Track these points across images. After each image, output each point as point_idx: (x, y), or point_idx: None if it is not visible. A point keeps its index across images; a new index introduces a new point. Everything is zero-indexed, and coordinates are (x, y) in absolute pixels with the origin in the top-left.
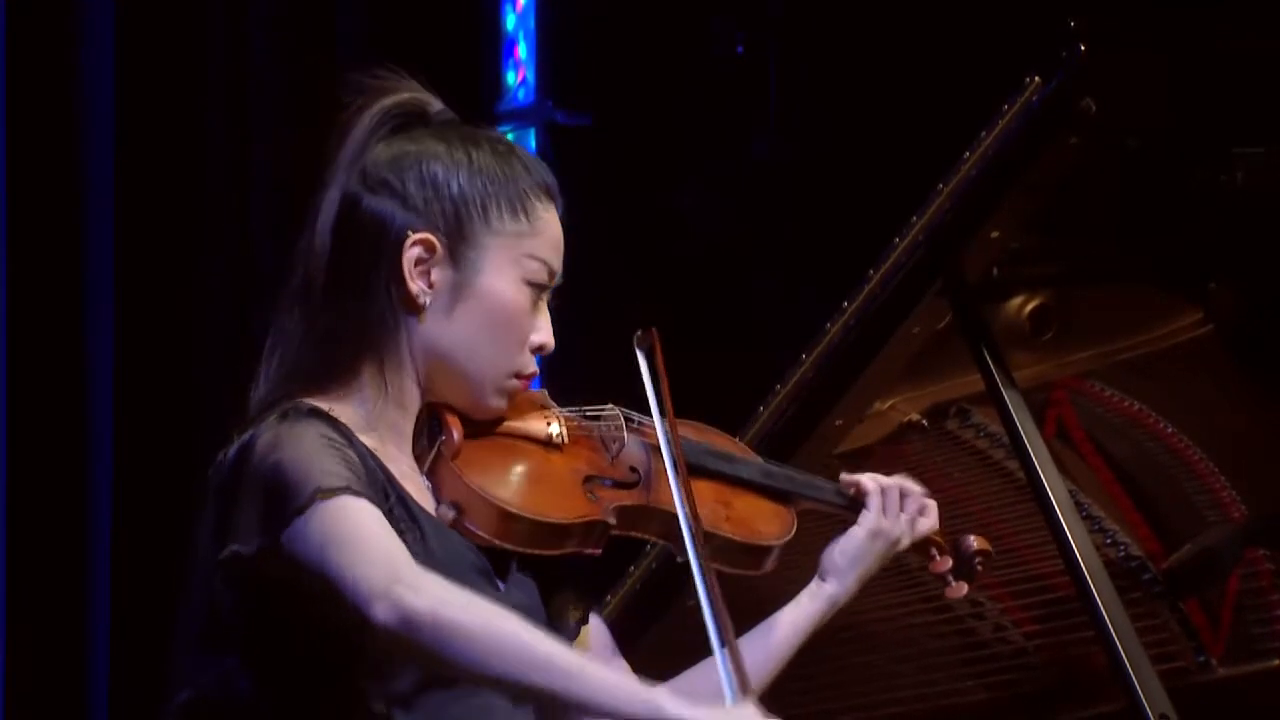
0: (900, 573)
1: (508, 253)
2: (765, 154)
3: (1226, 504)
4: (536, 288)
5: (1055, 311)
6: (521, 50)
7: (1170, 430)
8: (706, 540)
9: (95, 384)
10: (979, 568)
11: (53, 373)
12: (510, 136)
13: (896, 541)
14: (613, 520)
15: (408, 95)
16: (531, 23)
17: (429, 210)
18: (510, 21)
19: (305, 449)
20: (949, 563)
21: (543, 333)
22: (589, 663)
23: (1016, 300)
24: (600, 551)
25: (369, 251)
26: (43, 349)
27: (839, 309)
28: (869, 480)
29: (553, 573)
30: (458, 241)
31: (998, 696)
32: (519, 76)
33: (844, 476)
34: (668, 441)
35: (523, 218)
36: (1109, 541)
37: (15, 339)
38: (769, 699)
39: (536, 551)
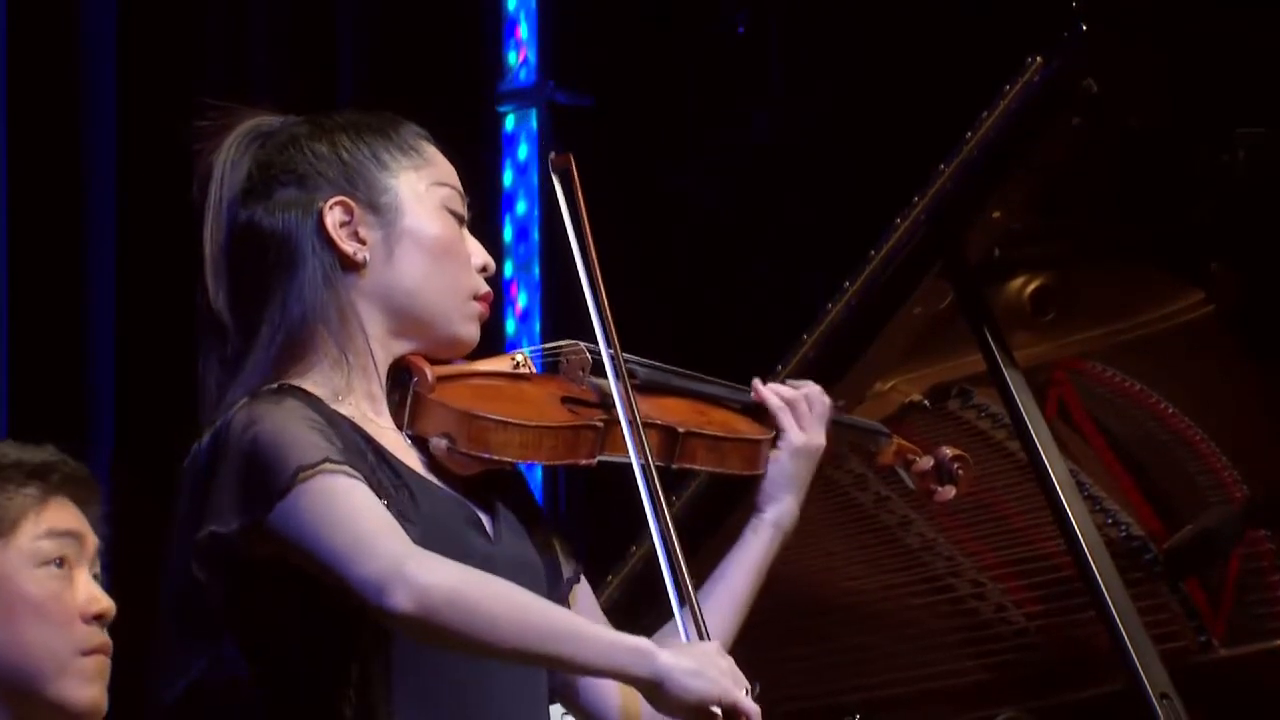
0: (901, 552)
1: (417, 186)
2: (766, 135)
3: (1228, 484)
4: (456, 214)
5: (1056, 292)
6: (523, 30)
7: (1171, 411)
8: (692, 441)
9: (96, 382)
10: (960, 471)
11: (53, 371)
12: (511, 117)
13: (819, 449)
14: (600, 425)
15: (253, 120)
16: (533, 2)
17: (329, 177)
18: (511, 1)
19: (280, 424)
20: (930, 462)
21: (479, 254)
22: (587, 624)
23: (1018, 281)
24: (595, 463)
25: (288, 245)
26: (44, 348)
27: (840, 289)
28: (774, 399)
29: (546, 530)
30: (368, 193)
31: (999, 676)
32: (520, 56)
33: (755, 392)
34: (589, 282)
35: (413, 154)
36: (1110, 521)
37: (16, 339)
38: (768, 682)
39: (534, 460)
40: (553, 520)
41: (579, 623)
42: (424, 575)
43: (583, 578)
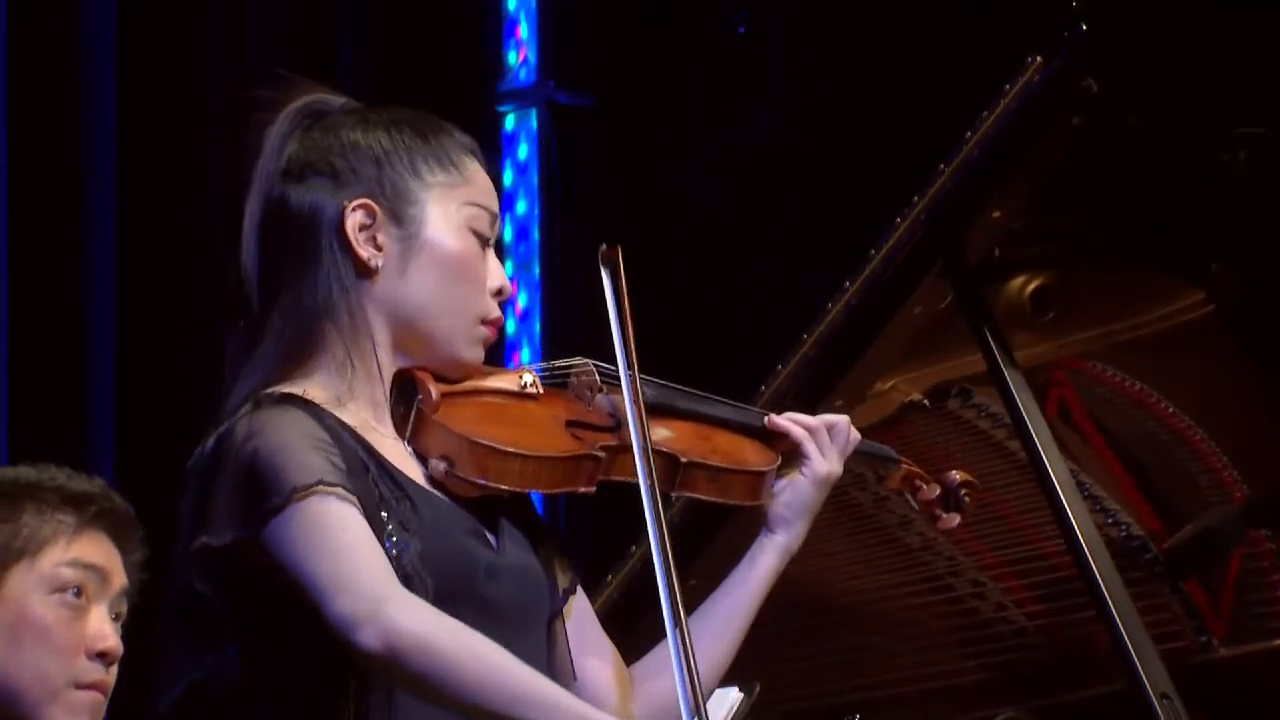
0: (902, 552)
1: (446, 203)
2: (766, 135)
3: (1228, 484)
4: (480, 235)
5: (1057, 292)
6: (523, 30)
7: (1172, 411)
8: (694, 471)
9: (96, 385)
10: (966, 499)
11: (53, 373)
12: (511, 116)
13: (836, 478)
14: (601, 454)
15: (310, 97)
16: (533, 2)
17: (360, 177)
18: (511, 1)
19: (280, 439)
20: (937, 490)
21: (497, 277)
22: (570, 698)
23: (1018, 281)
24: (594, 490)
25: (310, 235)
26: (44, 350)
27: (840, 289)
28: (798, 429)
29: (547, 538)
30: (395, 201)
31: (999, 676)
32: (520, 56)
33: (769, 421)
34: (628, 372)
35: (452, 169)
36: (1110, 521)
37: (16, 340)
38: (768, 682)
39: (532, 489)
40: (553, 529)
41: (559, 695)
42: (399, 619)
43: (579, 589)
